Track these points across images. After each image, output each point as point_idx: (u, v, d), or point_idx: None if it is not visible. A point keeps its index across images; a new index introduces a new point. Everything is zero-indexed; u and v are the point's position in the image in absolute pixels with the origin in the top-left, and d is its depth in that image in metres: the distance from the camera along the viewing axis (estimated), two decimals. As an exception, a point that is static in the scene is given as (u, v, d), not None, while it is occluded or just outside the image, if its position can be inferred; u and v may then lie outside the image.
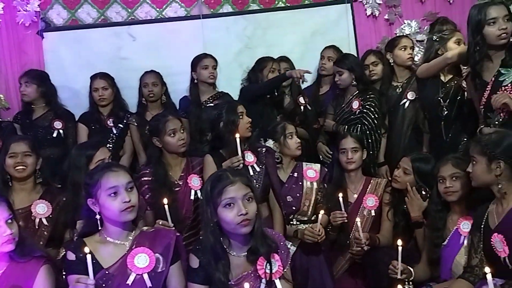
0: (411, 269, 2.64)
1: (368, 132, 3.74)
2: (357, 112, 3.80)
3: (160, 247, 2.15)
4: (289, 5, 4.63)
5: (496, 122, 2.86)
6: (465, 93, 3.26)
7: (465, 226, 2.64)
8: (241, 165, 2.90)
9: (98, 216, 2.13)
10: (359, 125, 3.76)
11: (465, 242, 2.62)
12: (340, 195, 3.03)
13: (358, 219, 2.93)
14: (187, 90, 4.12)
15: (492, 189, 2.42)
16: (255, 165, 3.03)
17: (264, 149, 3.13)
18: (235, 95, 4.14)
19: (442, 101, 3.39)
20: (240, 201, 2.05)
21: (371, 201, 3.26)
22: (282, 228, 3.03)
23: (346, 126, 3.76)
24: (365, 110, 3.76)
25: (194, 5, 4.57)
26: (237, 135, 2.88)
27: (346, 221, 3.07)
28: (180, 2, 4.57)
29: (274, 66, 4.01)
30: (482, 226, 2.45)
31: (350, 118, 3.83)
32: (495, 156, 2.36)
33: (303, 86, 4.27)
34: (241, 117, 3.00)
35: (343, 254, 3.26)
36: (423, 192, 2.98)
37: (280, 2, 4.62)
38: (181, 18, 4.57)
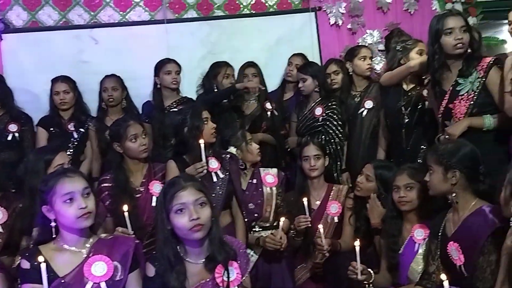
0: (371, 271, 2.68)
1: (331, 139, 3.79)
2: (320, 119, 3.84)
3: (118, 254, 2.11)
4: (254, 12, 4.66)
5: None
6: (426, 102, 3.33)
7: (419, 234, 2.69)
8: (205, 171, 2.88)
9: (53, 224, 2.07)
10: (323, 132, 3.80)
11: (420, 250, 2.67)
12: (305, 199, 3.05)
13: (320, 226, 2.95)
14: (151, 95, 4.08)
15: (448, 198, 2.47)
16: (219, 172, 3.01)
17: (228, 155, 3.12)
18: (199, 101, 4.12)
19: (403, 109, 3.44)
20: (192, 206, 2.03)
21: (334, 208, 3.29)
22: (245, 235, 3.03)
23: (309, 137, 3.79)
24: (328, 117, 3.81)
25: (159, 10, 4.55)
26: (202, 141, 2.86)
27: (310, 225, 3.09)
28: (144, 6, 4.54)
29: (228, 71, 4.02)
30: (440, 234, 2.50)
31: (313, 125, 3.87)
32: (451, 166, 2.42)
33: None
34: (205, 122, 2.98)
35: (306, 261, 3.28)
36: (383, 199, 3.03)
37: (245, 9, 4.64)
38: (145, 22, 4.55)
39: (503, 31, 4.57)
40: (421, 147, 3.38)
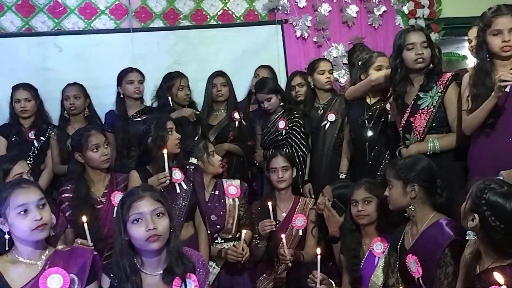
0: (331, 281, 2.70)
1: (295, 152, 3.81)
2: (283, 133, 3.86)
3: (75, 267, 2.07)
4: (220, 23, 4.66)
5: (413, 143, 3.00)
6: (389, 115, 3.38)
7: (378, 247, 2.73)
8: (168, 181, 2.86)
9: (7, 236, 2.02)
10: (287, 145, 3.82)
11: (379, 263, 2.70)
12: (270, 203, 3.07)
13: (283, 236, 2.95)
14: (114, 104, 4.03)
15: (407, 211, 2.51)
16: (182, 183, 2.98)
17: (192, 166, 3.09)
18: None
19: (366, 123, 3.48)
20: (149, 216, 2.01)
21: (299, 221, 3.31)
22: (207, 247, 3.01)
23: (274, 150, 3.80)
24: (291, 131, 3.84)
25: (124, 18, 4.51)
26: (165, 151, 2.83)
27: (274, 229, 3.11)
28: (109, 15, 4.50)
29: (182, 83, 3.96)
30: (399, 246, 2.54)
31: (277, 139, 3.89)
32: (410, 180, 2.46)
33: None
34: (170, 133, 2.95)
35: (269, 272, 3.29)
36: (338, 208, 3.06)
37: (212, 20, 4.65)
38: (110, 30, 4.51)
39: (464, 47, 4.69)
40: (383, 161, 3.42)
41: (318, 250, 2.54)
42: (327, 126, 3.90)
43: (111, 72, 4.08)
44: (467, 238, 2.06)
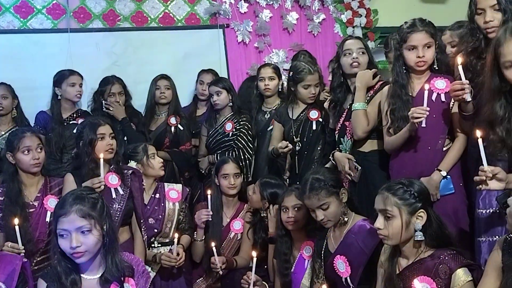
0: (265, 284, 2.73)
1: (241, 154, 3.83)
2: (230, 134, 3.87)
3: (3, 274, 2.03)
4: (162, 25, 4.64)
5: (347, 148, 3.10)
6: (314, 123, 3.47)
7: (307, 250, 2.79)
8: (102, 186, 2.82)
9: None
10: (233, 147, 3.84)
11: (309, 266, 2.76)
12: (209, 192, 3.11)
13: (213, 243, 2.97)
14: (48, 105, 3.93)
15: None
16: (119, 188, 2.93)
17: (130, 171, 3.05)
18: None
19: (294, 138, 3.53)
20: (74, 234, 1.96)
21: (237, 225, 3.33)
22: (143, 253, 2.97)
23: (219, 154, 3.83)
24: (238, 133, 3.85)
25: (62, 18, 4.42)
26: (101, 155, 2.80)
27: (210, 219, 3.15)
28: (46, 14, 4.40)
29: (113, 90, 3.93)
30: (323, 251, 2.61)
31: (223, 140, 3.90)
32: (338, 187, 2.56)
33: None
34: (100, 138, 2.88)
35: (205, 276, 3.30)
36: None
37: (153, 22, 4.61)
38: (47, 30, 4.40)
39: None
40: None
41: (254, 253, 2.58)
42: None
43: (47, 73, 3.98)
44: (416, 239, 2.12)
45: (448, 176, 2.64)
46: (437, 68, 2.73)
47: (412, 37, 2.67)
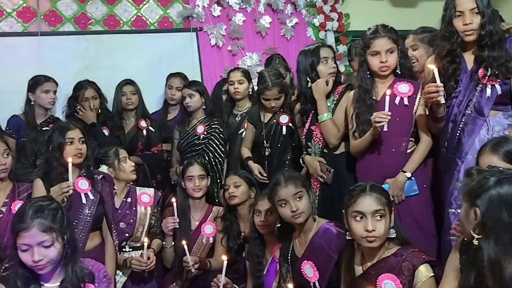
0: (236, 286, 2.74)
1: (213, 158, 3.84)
2: (201, 137, 3.88)
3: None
4: (134, 29, 4.62)
5: (316, 151, 3.14)
6: (284, 128, 3.50)
7: (279, 253, 2.80)
8: (71, 191, 2.80)
9: None
10: (204, 151, 3.84)
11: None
12: (174, 200, 3.13)
13: (184, 242, 2.98)
14: (20, 109, 3.89)
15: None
16: (89, 193, 2.91)
17: (101, 176, 3.03)
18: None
19: (265, 143, 3.57)
20: (36, 248, 1.95)
21: (209, 229, 3.33)
22: (114, 258, 2.95)
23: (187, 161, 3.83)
24: (210, 136, 3.86)
25: (32, 22, 4.38)
26: (70, 160, 2.78)
27: (177, 227, 3.17)
28: (16, 17, 4.35)
29: (86, 95, 3.90)
30: (289, 256, 2.63)
31: (194, 143, 3.90)
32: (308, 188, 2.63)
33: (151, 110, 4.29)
34: (69, 143, 2.87)
35: (176, 281, 3.29)
36: None
37: (125, 26, 4.60)
38: (17, 33, 4.35)
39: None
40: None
41: (224, 257, 2.60)
42: (244, 133, 3.91)
43: (17, 77, 3.97)
44: (389, 236, 2.17)
45: (413, 178, 2.70)
46: (400, 72, 2.79)
47: (375, 43, 2.72)
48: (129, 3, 4.60)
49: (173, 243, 3.25)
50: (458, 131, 2.57)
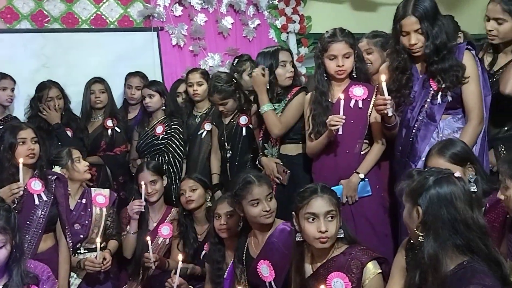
0: (191, 287, 2.73)
1: (172, 158, 3.83)
2: (160, 138, 3.86)
3: None
4: (93, 27, 4.54)
5: (273, 153, 3.18)
6: (243, 129, 3.51)
7: None
8: (21, 192, 2.75)
9: None
10: (165, 151, 3.83)
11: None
12: (143, 183, 3.19)
13: (148, 238, 2.97)
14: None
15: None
16: (42, 194, 2.87)
17: (54, 176, 2.98)
18: (28, 116, 3.94)
19: (226, 144, 3.58)
20: None
21: (165, 230, 3.33)
22: (67, 261, 2.92)
23: (148, 158, 3.81)
24: (169, 137, 3.85)
25: (-13, 19, 4.26)
26: (21, 160, 2.73)
27: (143, 210, 3.20)
28: (-29, 14, 4.23)
29: (50, 94, 3.85)
30: (244, 257, 2.65)
31: (153, 143, 3.88)
32: None
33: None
34: (21, 143, 2.81)
35: (132, 279, 3.28)
36: None
37: (84, 24, 4.50)
38: (-29, 30, 4.23)
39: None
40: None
41: (180, 257, 2.59)
42: (203, 134, 3.91)
43: (-29, 75, 3.85)
44: (338, 236, 2.21)
45: (366, 179, 2.75)
46: (356, 76, 2.84)
47: (332, 47, 2.77)
48: (88, 1, 4.50)
49: (137, 229, 3.24)
50: (412, 136, 2.65)
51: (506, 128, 2.88)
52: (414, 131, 2.65)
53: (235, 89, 3.56)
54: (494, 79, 2.86)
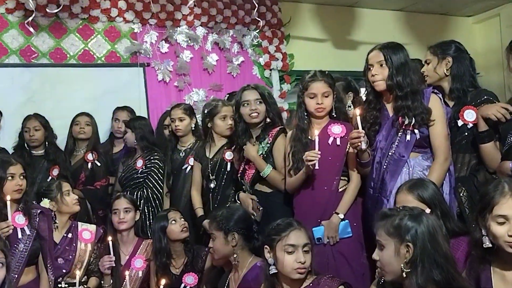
0: None
1: (151, 194, 3.87)
2: (139, 171, 3.90)
3: None
4: (81, 62, 4.63)
5: (248, 189, 3.27)
6: (228, 164, 3.57)
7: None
8: (11, 231, 2.76)
9: None
10: (144, 186, 3.87)
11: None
12: (110, 238, 3.15)
13: (127, 273, 2.97)
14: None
15: (230, 260, 2.70)
16: (25, 228, 2.88)
17: (38, 211, 3.00)
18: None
19: (210, 176, 3.61)
20: None
21: (139, 263, 3.32)
22: None
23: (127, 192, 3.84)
24: (149, 171, 3.89)
25: (-24, 53, 4.33)
26: (8, 197, 2.75)
27: (114, 265, 3.17)
28: (-41, 49, 4.30)
29: (28, 125, 3.98)
30: None
31: (133, 177, 3.92)
32: (229, 229, 2.69)
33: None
34: (10, 178, 2.85)
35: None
36: None
37: (72, 59, 4.59)
38: (-40, 65, 4.29)
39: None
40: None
41: (163, 281, 2.62)
42: (187, 169, 3.91)
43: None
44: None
45: (347, 220, 2.83)
46: (335, 115, 2.96)
47: (313, 86, 2.89)
48: (76, 37, 4.61)
49: (111, 281, 3.24)
50: (383, 172, 2.75)
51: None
52: (384, 167, 2.76)
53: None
54: None
